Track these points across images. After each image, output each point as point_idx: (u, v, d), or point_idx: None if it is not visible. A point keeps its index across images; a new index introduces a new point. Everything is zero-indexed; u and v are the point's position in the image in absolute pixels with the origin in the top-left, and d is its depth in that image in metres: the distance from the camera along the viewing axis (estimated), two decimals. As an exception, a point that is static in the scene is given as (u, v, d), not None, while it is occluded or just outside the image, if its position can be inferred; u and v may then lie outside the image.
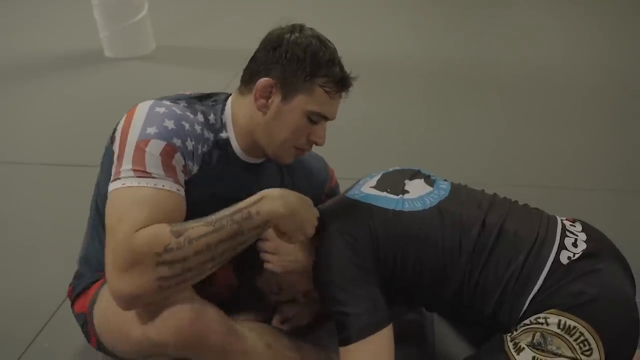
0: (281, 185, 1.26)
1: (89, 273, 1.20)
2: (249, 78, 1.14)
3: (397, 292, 1.09)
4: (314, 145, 1.19)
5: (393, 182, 1.16)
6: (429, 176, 1.21)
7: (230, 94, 1.21)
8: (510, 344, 0.99)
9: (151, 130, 1.01)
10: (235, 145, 1.16)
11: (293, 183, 1.30)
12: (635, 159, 2.22)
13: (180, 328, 0.97)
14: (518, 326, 1.01)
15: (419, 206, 1.10)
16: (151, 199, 0.96)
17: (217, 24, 4.18)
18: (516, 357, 0.97)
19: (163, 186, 0.98)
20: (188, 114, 1.09)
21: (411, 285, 1.09)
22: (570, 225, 1.11)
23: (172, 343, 0.98)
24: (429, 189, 1.15)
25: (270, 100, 1.12)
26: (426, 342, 1.33)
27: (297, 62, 1.09)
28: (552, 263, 1.01)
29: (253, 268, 1.20)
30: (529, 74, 3.12)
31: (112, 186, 0.99)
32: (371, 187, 1.16)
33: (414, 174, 1.20)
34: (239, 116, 1.15)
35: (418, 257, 1.06)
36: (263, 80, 1.10)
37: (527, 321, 0.99)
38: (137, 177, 0.98)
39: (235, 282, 1.31)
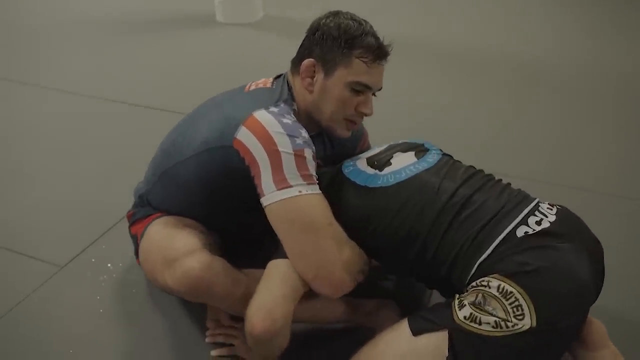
0: (323, 154, 1.41)
1: (146, 208, 1.44)
2: (297, 62, 1.30)
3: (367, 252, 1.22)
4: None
5: (385, 155, 1.28)
6: (427, 149, 1.30)
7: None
8: (457, 302, 1.09)
9: (299, 140, 1.16)
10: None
11: (332, 150, 1.44)
12: None
13: (191, 282, 1.20)
14: (468, 287, 1.10)
15: (392, 180, 1.20)
16: (325, 203, 1.17)
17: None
18: (457, 312, 1.07)
19: (319, 190, 1.17)
20: (292, 115, 1.23)
21: (375, 246, 1.20)
22: (547, 208, 1.17)
23: (185, 292, 1.24)
24: (412, 160, 1.25)
25: (315, 79, 1.27)
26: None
27: (333, 40, 1.24)
28: (507, 234, 1.09)
29: None
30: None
31: (287, 193, 1.12)
32: (367, 157, 1.30)
33: (411, 147, 1.30)
34: (296, 96, 1.31)
35: (381, 226, 1.18)
36: (306, 61, 1.27)
37: (474, 283, 1.08)
38: (308, 183, 1.14)
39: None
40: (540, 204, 1.17)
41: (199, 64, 3.17)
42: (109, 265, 1.62)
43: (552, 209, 1.17)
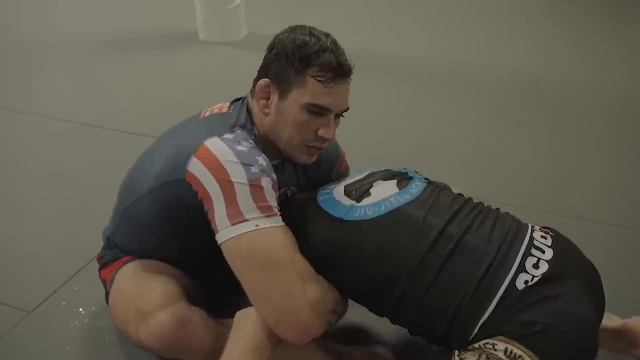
0: (297, 181, 1.32)
1: (114, 250, 1.34)
2: (254, 82, 1.20)
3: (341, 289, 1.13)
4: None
5: (365, 183, 1.18)
6: (411, 178, 1.20)
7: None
8: (457, 359, 1.00)
9: (254, 169, 1.06)
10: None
11: (307, 176, 1.34)
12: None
13: (165, 338, 1.10)
14: (469, 346, 1.01)
15: (370, 214, 1.10)
16: (287, 237, 1.06)
17: (308, 16, 4.28)
18: (459, 372, 0.99)
19: (281, 222, 1.07)
20: (251, 141, 1.14)
21: (349, 287, 1.12)
22: (541, 237, 1.09)
23: (159, 348, 1.13)
24: (394, 191, 1.14)
25: (270, 100, 1.17)
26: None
27: (286, 58, 1.13)
28: (507, 288, 1.00)
29: None
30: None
31: (243, 228, 1.02)
32: (345, 185, 1.19)
33: (393, 175, 1.19)
34: (255, 120, 1.21)
35: (355, 264, 1.08)
36: (260, 81, 1.16)
37: (476, 345, 1.00)
38: (266, 216, 1.04)
39: None
40: (534, 235, 1.09)
41: (181, 84, 3.06)
42: (80, 309, 1.50)
43: (546, 238, 1.09)
